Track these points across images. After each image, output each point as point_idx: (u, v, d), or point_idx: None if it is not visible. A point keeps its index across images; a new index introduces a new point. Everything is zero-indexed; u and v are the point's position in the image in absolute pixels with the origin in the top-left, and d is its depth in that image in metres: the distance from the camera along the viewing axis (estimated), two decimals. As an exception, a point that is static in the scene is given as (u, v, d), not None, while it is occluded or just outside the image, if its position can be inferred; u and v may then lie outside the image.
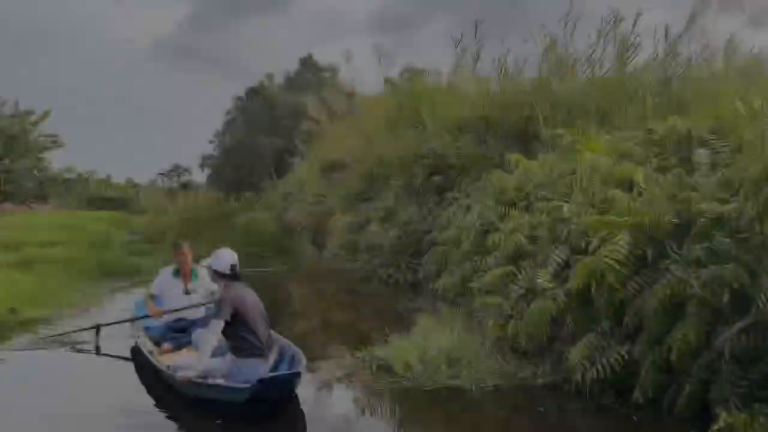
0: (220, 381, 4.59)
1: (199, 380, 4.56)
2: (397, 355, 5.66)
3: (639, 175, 5.28)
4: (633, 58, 9.23)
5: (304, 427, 4.35)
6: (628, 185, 5.52)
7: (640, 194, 5.20)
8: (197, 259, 6.25)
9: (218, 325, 4.68)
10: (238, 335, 4.71)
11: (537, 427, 4.37)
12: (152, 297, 6.46)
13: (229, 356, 4.77)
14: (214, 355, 4.77)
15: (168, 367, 5.01)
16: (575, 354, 4.85)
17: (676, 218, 4.47)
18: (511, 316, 5.94)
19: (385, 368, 5.50)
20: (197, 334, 5.51)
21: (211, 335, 4.71)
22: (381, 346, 5.95)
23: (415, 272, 10.02)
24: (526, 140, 9.56)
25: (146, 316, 6.42)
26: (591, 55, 9.49)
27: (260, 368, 4.64)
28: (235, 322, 4.68)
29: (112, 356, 6.29)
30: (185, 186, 51.51)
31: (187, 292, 6.40)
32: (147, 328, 6.32)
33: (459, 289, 7.58)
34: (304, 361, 4.83)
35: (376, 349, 5.89)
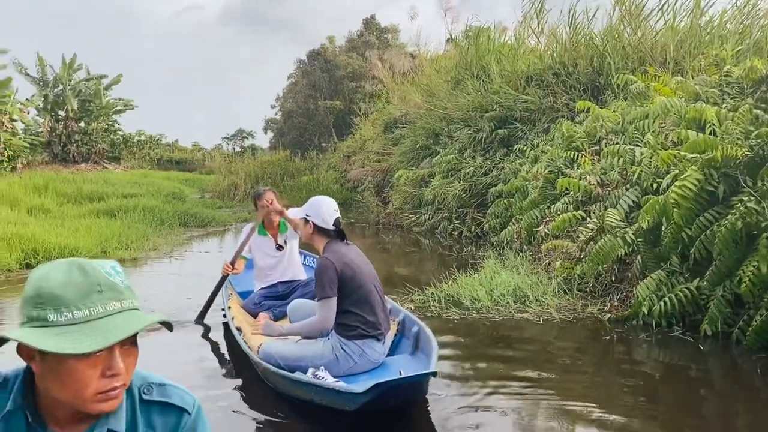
0: (321, 375, 3.49)
1: (292, 375, 3.42)
2: (465, 290, 5.91)
3: (712, 114, 5.25)
4: (710, 6, 9.00)
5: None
6: (701, 125, 5.50)
7: (713, 133, 5.19)
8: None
9: (329, 306, 3.60)
10: (346, 310, 3.65)
11: (604, 355, 4.53)
12: (245, 260, 5.48)
13: (334, 336, 3.69)
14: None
15: (258, 351, 3.84)
16: (642, 289, 4.98)
17: (749, 152, 4.46)
18: (579, 259, 6.08)
19: (454, 302, 5.76)
20: (295, 305, 4.37)
21: (323, 319, 3.62)
22: (449, 285, 6.20)
23: (479, 225, 10.19)
24: (596, 91, 9.51)
25: (223, 279, 5.42)
26: (664, 4, 9.29)
27: (375, 353, 3.69)
28: (343, 294, 3.64)
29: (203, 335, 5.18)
30: (249, 149, 52.73)
31: (279, 248, 5.40)
32: (241, 294, 5.67)
33: (525, 238, 7.72)
34: (434, 344, 3.65)
35: (444, 286, 6.15)
